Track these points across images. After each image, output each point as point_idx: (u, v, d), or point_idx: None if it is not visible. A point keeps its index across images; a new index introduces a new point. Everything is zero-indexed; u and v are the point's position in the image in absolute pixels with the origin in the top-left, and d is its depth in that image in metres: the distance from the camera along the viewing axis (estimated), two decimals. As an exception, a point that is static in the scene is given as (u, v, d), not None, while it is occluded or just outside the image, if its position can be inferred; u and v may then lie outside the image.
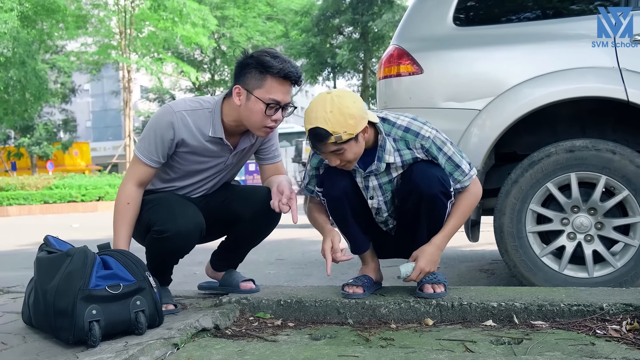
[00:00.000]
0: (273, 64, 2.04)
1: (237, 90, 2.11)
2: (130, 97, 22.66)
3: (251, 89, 2.08)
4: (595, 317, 1.92)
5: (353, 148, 1.99)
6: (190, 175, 2.29)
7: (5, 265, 4.90)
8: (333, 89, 2.02)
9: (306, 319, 2.18)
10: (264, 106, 2.07)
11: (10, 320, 2.19)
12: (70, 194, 16.20)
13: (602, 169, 2.47)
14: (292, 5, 26.56)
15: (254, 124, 2.12)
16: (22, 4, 18.00)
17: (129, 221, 2.15)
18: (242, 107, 2.11)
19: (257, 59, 2.07)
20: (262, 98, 2.06)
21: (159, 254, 2.19)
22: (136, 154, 2.19)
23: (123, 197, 2.16)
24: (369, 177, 2.17)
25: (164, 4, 18.92)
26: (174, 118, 2.13)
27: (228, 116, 2.17)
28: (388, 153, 2.09)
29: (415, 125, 2.10)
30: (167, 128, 2.13)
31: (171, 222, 2.09)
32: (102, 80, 36.65)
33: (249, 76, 2.08)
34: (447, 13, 2.76)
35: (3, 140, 30.79)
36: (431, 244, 2.14)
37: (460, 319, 2.05)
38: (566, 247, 2.56)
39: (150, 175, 2.20)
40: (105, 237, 2.28)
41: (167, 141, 2.14)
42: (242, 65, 2.11)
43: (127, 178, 2.19)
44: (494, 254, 4.12)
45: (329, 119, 1.91)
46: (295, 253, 4.95)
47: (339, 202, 2.18)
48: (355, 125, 1.93)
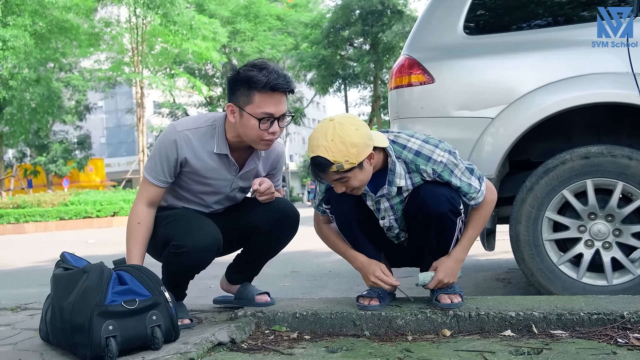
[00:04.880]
0: (259, 79, 2.01)
1: (231, 108, 2.11)
2: (143, 112, 22.89)
3: (242, 106, 2.07)
4: (616, 326, 1.89)
5: (358, 176, 1.95)
6: (198, 197, 2.28)
7: (22, 282, 4.94)
8: (336, 115, 1.98)
9: (322, 332, 2.16)
10: (256, 121, 2.05)
11: (27, 337, 2.20)
12: (86, 210, 16.37)
13: (619, 175, 2.44)
14: (302, 18, 26.78)
15: (251, 139, 2.12)
16: (36, 23, 18.34)
17: (142, 241, 2.17)
18: (237, 124, 2.11)
19: (244, 74, 2.05)
20: (254, 113, 2.05)
21: (176, 269, 2.19)
22: (144, 175, 2.21)
23: (134, 217, 2.18)
24: (381, 200, 2.15)
25: (174, 19, 19.15)
26: (177, 137, 2.14)
27: (230, 132, 2.18)
28: (399, 177, 2.05)
29: (427, 149, 2.03)
30: (171, 147, 2.14)
31: (189, 237, 2.08)
32: (116, 97, 37.13)
33: (239, 93, 2.07)
34: (457, 22, 2.76)
35: (19, 159, 31.22)
36: (451, 256, 2.13)
37: (478, 329, 2.03)
38: (584, 254, 2.52)
39: (160, 195, 2.21)
40: (120, 252, 2.29)
41: (172, 160, 2.15)
42: (232, 81, 2.11)
43: (138, 199, 2.21)
44: (510, 263, 4.08)
45: (329, 147, 1.87)
46: (310, 265, 4.95)
47: (347, 219, 2.17)
48: (358, 153, 1.89)
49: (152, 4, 18.70)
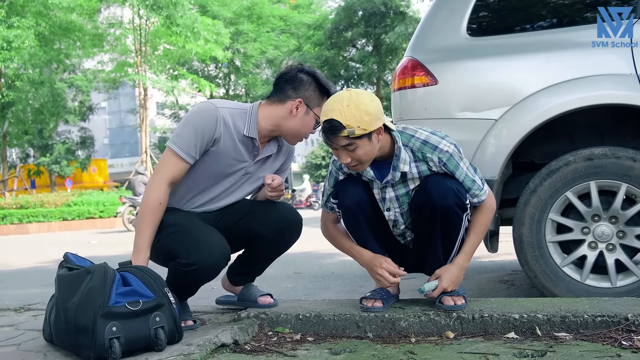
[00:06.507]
0: (331, 89, 2.26)
1: (299, 102, 2.22)
2: (146, 113, 22.92)
3: (312, 106, 2.24)
4: (620, 328, 1.89)
5: (365, 146, 1.99)
6: (207, 182, 2.27)
7: (25, 282, 4.95)
8: (353, 88, 2.05)
9: (325, 333, 2.16)
10: (315, 123, 2.24)
11: (31, 337, 2.20)
12: (89, 210, 16.39)
13: (623, 177, 2.44)
14: (305, 19, 26.77)
15: (299, 134, 2.27)
16: (39, 24, 18.39)
17: (156, 222, 2.11)
18: (297, 119, 2.23)
19: (318, 80, 2.26)
20: (319, 116, 2.16)
21: (183, 282, 2.17)
22: (173, 148, 2.14)
23: (155, 196, 2.11)
24: (386, 189, 2.17)
25: (176, 21, 19.17)
26: (218, 114, 2.16)
27: (265, 119, 2.24)
28: (403, 162, 2.08)
29: (434, 139, 2.08)
30: (211, 123, 2.15)
31: (197, 254, 2.06)
32: (119, 98, 37.20)
33: (311, 94, 2.25)
34: (460, 24, 2.76)
35: (23, 159, 31.29)
36: (455, 264, 2.14)
37: (482, 331, 2.02)
38: (587, 256, 2.52)
39: (183, 172, 2.17)
40: (123, 253, 2.30)
41: (207, 136, 2.15)
42: (298, 80, 2.25)
43: (160, 176, 2.13)
44: (514, 265, 4.07)
45: (344, 112, 1.93)
46: (313, 266, 4.94)
47: (354, 213, 2.18)
48: (370, 122, 1.94)
49: (155, 5, 18.72)
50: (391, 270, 2.16)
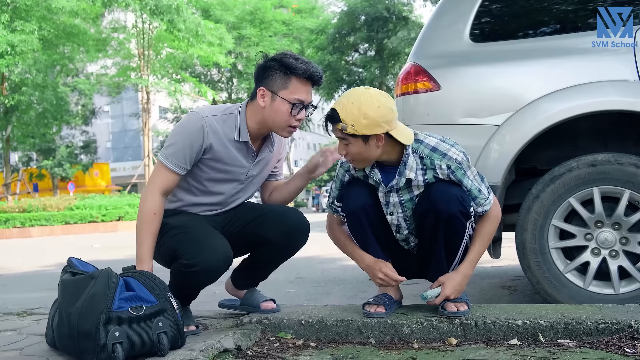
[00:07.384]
0: (297, 65, 2.11)
1: (262, 92, 2.16)
2: (149, 117, 22.97)
3: (276, 91, 2.14)
4: (623, 335, 1.88)
5: (359, 146, 2.00)
6: (211, 187, 2.27)
7: (27, 286, 4.95)
8: (374, 89, 2.05)
9: (328, 339, 2.16)
10: (289, 106, 2.13)
11: (34, 342, 2.20)
12: (91, 214, 16.39)
13: (626, 183, 2.43)
14: (307, 23, 26.86)
15: (279, 124, 2.17)
16: (43, 28, 18.45)
17: (154, 232, 2.13)
18: (266, 109, 2.16)
19: (281, 61, 2.14)
20: (288, 98, 2.12)
21: (184, 284, 2.17)
22: (162, 161, 2.17)
23: (149, 207, 2.14)
24: (390, 193, 2.16)
25: (179, 26, 19.23)
26: (204, 123, 2.16)
27: (252, 119, 2.21)
28: (409, 169, 2.08)
29: (444, 146, 2.08)
30: (198, 133, 2.14)
31: (199, 256, 2.06)
32: (122, 102, 37.26)
33: (273, 78, 2.14)
34: (463, 30, 2.77)
35: (25, 162, 31.36)
36: (458, 272, 2.13)
37: (485, 337, 2.02)
38: (590, 262, 2.51)
39: (175, 182, 2.20)
40: (125, 256, 2.30)
41: (196, 147, 2.15)
42: (264, 67, 2.18)
43: (152, 187, 2.16)
44: (516, 271, 4.06)
45: (346, 106, 1.96)
46: (315, 271, 4.94)
47: (357, 217, 2.18)
48: (366, 125, 1.94)
49: (157, 10, 18.78)
50: (391, 275, 2.16)
